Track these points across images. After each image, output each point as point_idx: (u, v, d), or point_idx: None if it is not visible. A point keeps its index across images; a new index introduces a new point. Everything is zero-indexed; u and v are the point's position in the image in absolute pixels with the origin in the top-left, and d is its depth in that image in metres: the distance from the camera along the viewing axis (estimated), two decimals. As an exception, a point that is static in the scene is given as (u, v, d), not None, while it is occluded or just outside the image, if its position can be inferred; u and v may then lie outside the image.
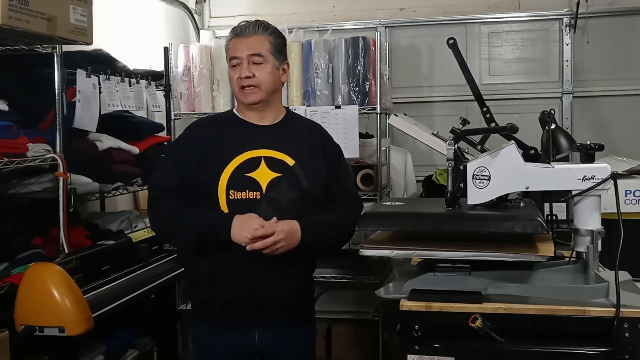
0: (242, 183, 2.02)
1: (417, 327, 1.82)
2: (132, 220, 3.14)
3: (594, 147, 1.90)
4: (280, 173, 2.04)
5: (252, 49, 2.06)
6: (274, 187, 2.03)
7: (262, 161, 2.05)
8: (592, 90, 4.25)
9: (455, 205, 2.03)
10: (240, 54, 2.06)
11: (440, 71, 4.36)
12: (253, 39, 2.07)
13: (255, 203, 2.01)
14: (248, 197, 2.01)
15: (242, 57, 2.06)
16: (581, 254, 1.89)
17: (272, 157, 2.06)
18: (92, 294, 2.36)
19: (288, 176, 2.05)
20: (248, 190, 2.02)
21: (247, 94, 2.07)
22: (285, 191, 2.03)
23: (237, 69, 2.07)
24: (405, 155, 4.15)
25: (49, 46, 2.46)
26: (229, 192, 2.01)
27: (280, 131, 2.13)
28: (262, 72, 2.06)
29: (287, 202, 2.03)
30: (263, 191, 2.02)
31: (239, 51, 2.06)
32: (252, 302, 2.04)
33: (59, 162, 2.47)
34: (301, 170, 2.07)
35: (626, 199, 2.55)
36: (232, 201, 2.01)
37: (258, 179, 2.03)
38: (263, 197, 2.02)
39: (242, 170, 2.03)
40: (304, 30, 3.75)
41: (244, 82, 2.05)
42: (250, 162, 2.04)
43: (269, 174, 2.03)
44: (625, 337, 1.73)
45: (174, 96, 3.76)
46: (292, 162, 2.07)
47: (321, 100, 3.53)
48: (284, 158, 2.07)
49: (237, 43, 2.08)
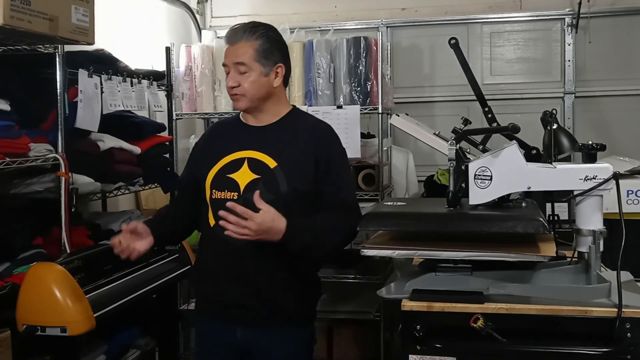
0: (223, 183, 2.06)
1: (418, 327, 1.82)
2: (133, 220, 3.13)
3: (595, 147, 1.90)
4: (259, 175, 2.04)
5: (236, 57, 2.05)
6: (251, 188, 1.99)
7: (245, 162, 2.06)
8: (594, 90, 4.25)
9: (457, 205, 2.03)
10: (228, 62, 2.08)
11: (442, 71, 4.37)
12: (238, 46, 2.05)
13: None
14: (226, 197, 2.04)
15: (230, 65, 2.07)
16: (583, 254, 1.89)
17: (254, 159, 2.06)
18: (94, 293, 2.36)
19: (266, 178, 2.03)
20: (227, 191, 2.05)
21: (236, 101, 2.11)
22: (262, 193, 1.95)
23: (227, 76, 2.10)
24: (407, 155, 4.15)
25: (50, 46, 2.46)
26: (212, 191, 2.08)
27: (272, 132, 2.11)
28: (245, 81, 2.05)
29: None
30: (240, 192, 2.03)
31: (226, 58, 2.08)
32: (233, 299, 2.07)
33: (61, 162, 2.47)
34: (282, 173, 2.03)
35: (628, 199, 2.55)
36: (214, 200, 2.07)
37: (238, 180, 2.05)
38: (240, 198, 2.02)
39: (225, 171, 2.07)
40: (306, 30, 3.75)
41: (231, 90, 2.09)
42: (234, 163, 2.07)
43: (249, 175, 2.04)
44: (627, 338, 1.73)
45: (175, 96, 3.76)
46: (274, 164, 2.04)
47: (323, 100, 3.53)
48: (265, 160, 2.05)
49: (226, 50, 2.10)
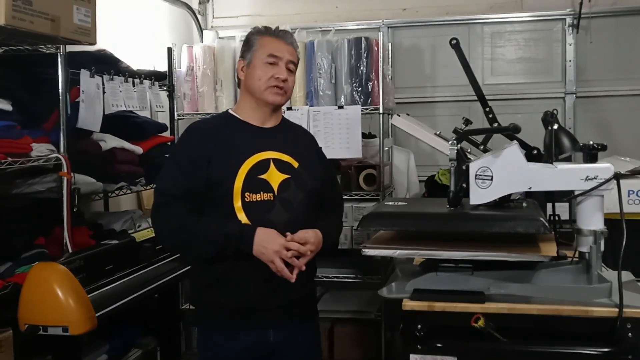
0: (256, 185, 2.03)
1: (419, 327, 1.82)
2: (135, 220, 3.14)
3: (596, 147, 1.89)
4: (288, 174, 2.07)
5: (292, 56, 2.11)
6: (285, 188, 2.06)
7: (271, 163, 2.07)
8: (595, 91, 4.24)
9: (458, 205, 2.03)
10: (281, 55, 2.08)
11: (443, 71, 4.37)
12: (293, 47, 2.13)
13: (270, 204, 2.03)
14: (262, 198, 2.02)
15: (283, 59, 2.08)
16: (584, 254, 1.89)
17: (279, 159, 2.09)
18: (96, 293, 2.37)
19: (296, 177, 2.09)
20: (262, 192, 2.03)
21: (276, 94, 2.08)
22: (295, 192, 2.07)
23: (273, 67, 2.07)
24: (408, 155, 4.15)
25: (52, 46, 2.46)
26: (244, 194, 2.01)
27: (282, 134, 2.16)
28: (292, 80, 2.12)
29: (297, 203, 2.07)
30: (275, 192, 2.04)
31: (281, 52, 2.08)
32: (266, 303, 2.05)
33: (63, 162, 2.47)
34: (305, 171, 2.11)
35: (629, 199, 2.55)
36: (248, 203, 2.01)
37: (270, 181, 2.05)
38: (276, 199, 2.04)
39: (254, 172, 2.04)
40: (307, 31, 3.75)
41: (280, 83, 2.07)
42: (261, 164, 2.06)
43: (279, 176, 2.06)
44: (628, 337, 1.73)
45: (177, 96, 3.77)
46: (297, 164, 2.10)
47: (324, 101, 3.54)
48: (289, 160, 2.10)
49: (278, 43, 2.10)
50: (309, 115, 3.45)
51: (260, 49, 2.09)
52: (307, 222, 2.06)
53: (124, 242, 2.75)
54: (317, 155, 2.24)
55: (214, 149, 2.05)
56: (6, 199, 2.56)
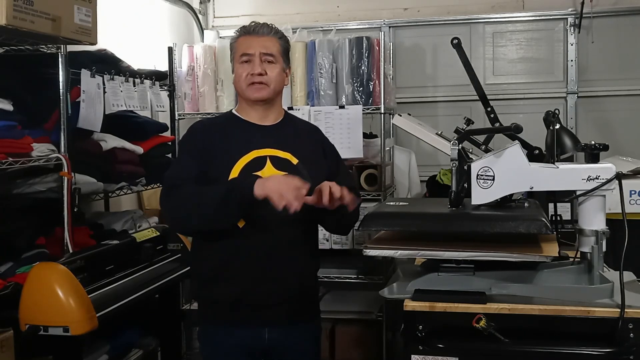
0: None
1: (421, 327, 1.82)
2: (136, 220, 3.15)
3: (598, 147, 1.89)
4: (285, 171, 2.05)
5: (265, 48, 2.09)
6: None
7: (267, 160, 2.07)
8: (597, 90, 4.24)
9: (460, 205, 2.03)
10: (252, 51, 2.08)
11: (444, 71, 4.36)
12: (266, 38, 2.11)
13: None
14: None
15: (255, 54, 2.08)
16: (585, 254, 1.89)
17: (277, 156, 2.08)
18: (96, 293, 2.36)
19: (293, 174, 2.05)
20: None
21: (256, 90, 2.08)
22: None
23: (247, 65, 2.08)
24: (409, 155, 4.15)
25: (53, 46, 2.46)
26: None
27: (282, 131, 2.16)
28: (272, 71, 2.09)
29: None
30: None
31: (252, 48, 2.09)
32: (261, 300, 2.05)
33: (64, 162, 2.47)
34: (305, 168, 2.08)
35: (631, 199, 2.54)
36: None
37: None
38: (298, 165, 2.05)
39: (249, 169, 2.04)
40: (308, 30, 3.76)
41: (256, 78, 2.07)
42: (257, 161, 2.06)
43: (275, 173, 2.05)
44: (629, 338, 1.72)
45: (178, 96, 3.77)
46: (296, 160, 2.10)
47: (325, 100, 3.54)
48: (288, 157, 2.10)
49: (249, 40, 2.10)
50: (310, 115, 3.45)
51: (237, 51, 2.13)
52: (304, 220, 2.05)
53: (124, 242, 2.74)
54: (322, 151, 2.21)
55: (214, 145, 2.08)
56: (7, 199, 2.56)
